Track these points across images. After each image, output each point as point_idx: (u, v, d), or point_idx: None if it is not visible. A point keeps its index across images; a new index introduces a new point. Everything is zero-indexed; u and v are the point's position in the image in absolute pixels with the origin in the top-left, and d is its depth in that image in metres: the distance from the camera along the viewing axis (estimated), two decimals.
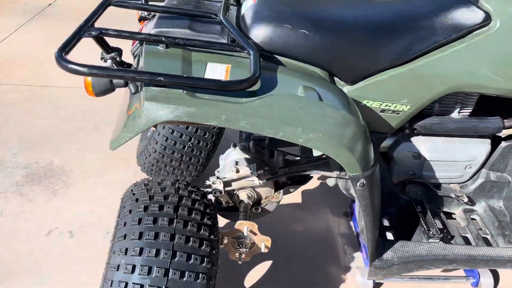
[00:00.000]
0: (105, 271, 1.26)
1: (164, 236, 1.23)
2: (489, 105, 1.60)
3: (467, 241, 1.56)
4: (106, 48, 1.23)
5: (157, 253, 1.20)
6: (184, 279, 1.20)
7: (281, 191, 1.70)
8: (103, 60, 1.33)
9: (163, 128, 2.05)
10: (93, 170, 2.54)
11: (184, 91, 1.03)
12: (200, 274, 1.23)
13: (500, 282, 1.90)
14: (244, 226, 1.44)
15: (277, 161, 1.74)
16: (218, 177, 1.63)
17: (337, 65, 1.36)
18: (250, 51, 1.14)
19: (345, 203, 2.30)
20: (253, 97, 1.06)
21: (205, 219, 1.34)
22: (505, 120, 1.54)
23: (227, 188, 1.63)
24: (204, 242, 1.28)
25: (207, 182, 1.63)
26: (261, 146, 1.76)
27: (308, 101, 1.09)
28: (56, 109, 3.12)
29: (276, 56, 1.35)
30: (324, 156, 1.62)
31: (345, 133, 1.09)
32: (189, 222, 1.29)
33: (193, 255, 1.24)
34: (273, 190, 1.69)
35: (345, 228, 2.22)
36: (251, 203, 1.64)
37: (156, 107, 1.00)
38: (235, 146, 1.79)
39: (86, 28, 1.13)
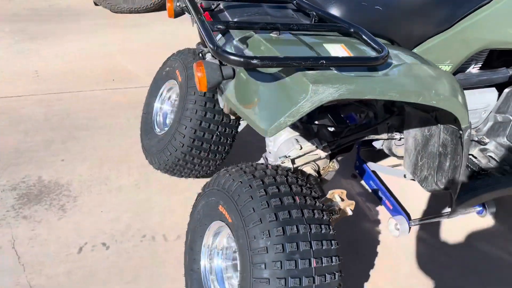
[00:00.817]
0: (247, 258, 1.26)
1: (296, 212, 1.29)
2: (491, 59, 1.91)
3: (502, 173, 1.88)
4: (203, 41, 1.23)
5: (298, 229, 1.26)
6: (324, 247, 1.28)
7: (334, 160, 1.83)
8: (200, 54, 1.32)
9: (190, 121, 2.02)
10: (93, 178, 2.38)
11: (335, 71, 1.10)
12: (332, 241, 1.32)
13: (500, 209, 2.28)
14: (335, 194, 1.55)
15: (323, 134, 1.87)
16: (285, 156, 1.70)
17: (400, 34, 1.52)
18: (357, 30, 1.24)
19: (348, 166, 2.50)
20: (385, 69, 1.17)
21: (312, 193, 1.42)
22: (509, 69, 1.86)
23: (294, 165, 1.71)
24: (323, 212, 1.37)
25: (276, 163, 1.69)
26: (304, 123, 1.86)
27: (426, 67, 1.23)
28: (14, 122, 2.80)
29: None
30: (379, 122, 1.79)
31: (457, 91, 1.26)
32: (306, 197, 1.36)
33: (322, 225, 1.32)
34: (328, 160, 1.81)
35: (359, 188, 2.44)
36: (317, 176, 1.75)
37: (322, 88, 1.05)
38: None
39: (212, 24, 1.13)
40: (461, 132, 1.34)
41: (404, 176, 2.07)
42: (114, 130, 2.79)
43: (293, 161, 1.70)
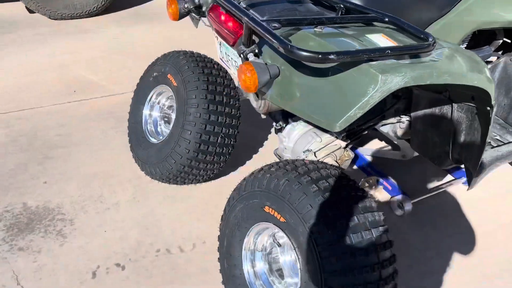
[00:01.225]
0: (313, 253, 1.26)
1: (352, 203, 1.31)
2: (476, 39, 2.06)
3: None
4: (248, 41, 1.21)
5: (358, 220, 1.28)
6: (381, 234, 1.32)
7: (348, 149, 1.88)
8: (242, 54, 1.29)
9: (194, 125, 1.96)
10: (85, 197, 2.23)
11: (394, 60, 1.12)
12: (383, 226, 1.36)
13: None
14: (370, 180, 1.59)
15: None
16: (308, 150, 1.72)
17: (410, 20, 1.59)
18: (392, 19, 1.28)
19: None
20: (430, 55, 1.22)
21: (356, 184, 1.45)
22: (491, 47, 2.02)
23: (316, 158, 1.73)
24: (372, 200, 1.40)
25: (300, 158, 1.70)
26: None
27: (461, 51, 1.30)
28: None
29: None
30: (388, 108, 1.86)
31: (487, 70, 1.35)
32: (354, 187, 1.39)
33: (375, 213, 1.35)
34: (343, 150, 1.85)
35: (353, 174, 2.52)
36: (338, 166, 1.78)
37: (390, 78, 1.07)
38: (281, 126, 1.89)
39: (268, 23, 1.11)
40: (488, 108, 1.43)
41: (403, 156, 2.17)
42: (92, 144, 2.63)
43: (315, 154, 1.72)
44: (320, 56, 1.01)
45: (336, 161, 1.81)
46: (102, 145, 2.62)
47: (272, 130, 2.85)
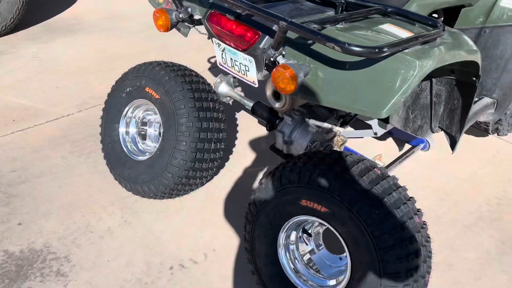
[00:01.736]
0: (369, 241, 1.34)
1: (393, 188, 1.41)
2: None
3: None
4: (279, 45, 1.26)
5: (406, 205, 1.39)
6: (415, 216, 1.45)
7: (341, 134, 2.00)
8: (272, 58, 1.32)
9: (188, 135, 1.93)
10: (72, 230, 2.08)
11: (419, 46, 1.24)
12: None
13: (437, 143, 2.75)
14: (376, 159, 1.72)
15: (321, 112, 2.01)
16: (313, 141, 1.80)
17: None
18: (394, 9, 1.41)
19: None
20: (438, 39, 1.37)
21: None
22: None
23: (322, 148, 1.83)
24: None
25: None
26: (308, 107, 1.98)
27: (457, 31, 1.46)
28: None
29: None
30: None
31: (474, 45, 1.52)
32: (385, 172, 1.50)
33: (410, 199, 1.47)
34: (339, 135, 1.97)
35: None
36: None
37: (425, 63, 1.19)
38: (272, 125, 1.96)
39: (308, 24, 1.16)
40: (474, 78, 1.63)
41: (375, 134, 2.35)
42: (56, 173, 2.44)
43: (320, 144, 1.81)
44: (376, 50, 1.09)
45: (333, 146, 1.92)
46: (67, 172, 2.44)
47: (240, 129, 2.89)
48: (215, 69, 3.66)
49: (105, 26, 4.47)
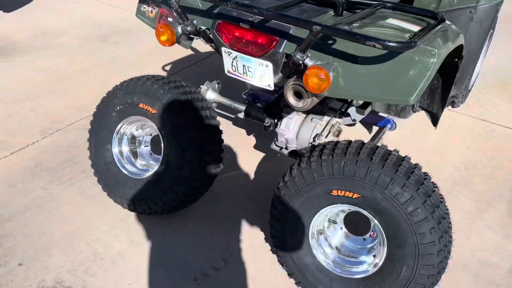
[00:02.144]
0: (404, 220, 1.47)
1: (420, 174, 1.55)
2: None
3: None
4: (307, 48, 1.35)
5: (434, 187, 1.54)
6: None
7: (336, 124, 2.11)
8: (301, 61, 1.40)
9: (194, 146, 1.93)
10: (82, 260, 2.00)
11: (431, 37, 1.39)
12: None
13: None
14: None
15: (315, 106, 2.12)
16: (318, 134, 1.90)
17: None
18: (396, 6, 1.56)
19: None
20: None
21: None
22: None
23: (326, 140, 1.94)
24: None
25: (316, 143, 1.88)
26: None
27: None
28: None
29: None
30: None
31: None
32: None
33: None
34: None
35: None
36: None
37: (442, 50, 1.35)
38: (270, 122, 2.04)
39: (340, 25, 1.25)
40: (456, 59, 1.81)
41: (353, 121, 2.52)
42: (42, 205, 2.30)
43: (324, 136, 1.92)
44: (412, 44, 1.21)
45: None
46: (54, 203, 2.32)
47: (231, 132, 2.91)
48: (174, 75, 3.62)
49: (40, 44, 4.21)
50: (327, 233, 1.77)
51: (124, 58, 3.96)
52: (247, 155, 2.71)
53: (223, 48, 1.62)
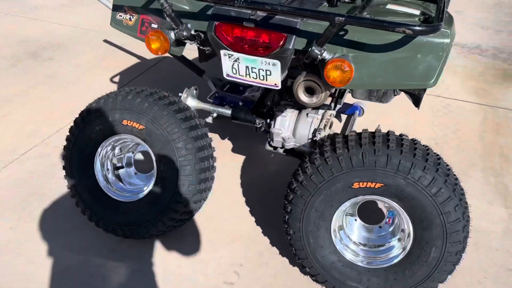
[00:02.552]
0: (432, 205, 1.49)
1: (438, 160, 1.57)
2: None
3: None
4: (325, 41, 1.32)
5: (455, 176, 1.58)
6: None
7: (330, 116, 2.08)
8: (320, 56, 1.35)
9: (190, 159, 1.81)
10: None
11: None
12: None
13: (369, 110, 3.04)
14: None
15: None
16: (317, 129, 1.88)
17: None
18: None
19: None
20: None
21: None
22: None
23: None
24: None
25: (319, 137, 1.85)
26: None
27: None
28: None
29: None
30: None
31: None
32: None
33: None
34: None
35: None
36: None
37: (453, 32, 1.37)
38: (261, 123, 1.99)
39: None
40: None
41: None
42: (17, 248, 2.05)
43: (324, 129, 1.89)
44: (439, 26, 1.20)
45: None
46: (30, 244, 2.07)
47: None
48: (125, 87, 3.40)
49: None
50: (346, 228, 1.75)
51: (64, 74, 3.65)
52: (230, 158, 2.62)
53: (222, 51, 1.52)
